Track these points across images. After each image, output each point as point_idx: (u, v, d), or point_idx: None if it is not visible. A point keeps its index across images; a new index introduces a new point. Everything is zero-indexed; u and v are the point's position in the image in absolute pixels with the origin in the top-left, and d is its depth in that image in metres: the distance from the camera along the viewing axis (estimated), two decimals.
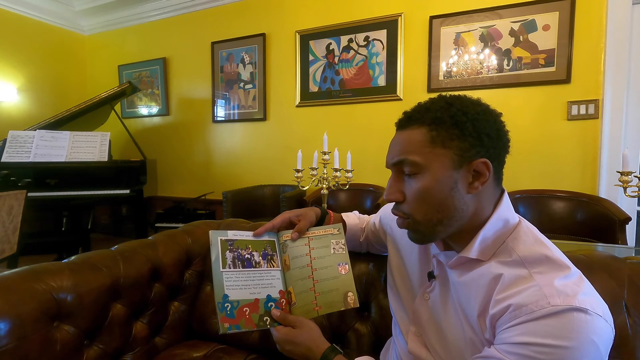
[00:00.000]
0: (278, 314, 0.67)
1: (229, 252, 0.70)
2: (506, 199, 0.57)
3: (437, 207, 0.54)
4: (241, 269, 0.69)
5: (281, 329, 0.66)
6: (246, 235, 0.74)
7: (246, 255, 0.71)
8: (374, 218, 0.88)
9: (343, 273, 0.72)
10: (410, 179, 0.55)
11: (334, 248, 0.75)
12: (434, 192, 0.53)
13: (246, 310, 0.66)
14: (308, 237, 0.76)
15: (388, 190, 0.58)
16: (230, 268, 0.68)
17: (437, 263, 0.62)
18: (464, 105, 0.54)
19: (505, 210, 0.56)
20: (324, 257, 0.73)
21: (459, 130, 0.52)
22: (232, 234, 0.72)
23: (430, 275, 0.63)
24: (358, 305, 0.71)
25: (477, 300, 0.52)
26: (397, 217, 0.59)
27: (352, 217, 0.89)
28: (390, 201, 0.58)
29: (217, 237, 0.70)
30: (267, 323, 0.67)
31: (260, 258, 0.72)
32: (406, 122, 0.57)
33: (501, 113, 0.57)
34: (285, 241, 0.75)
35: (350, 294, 0.70)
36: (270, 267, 0.73)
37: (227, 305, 0.65)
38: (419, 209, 0.55)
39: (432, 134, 0.53)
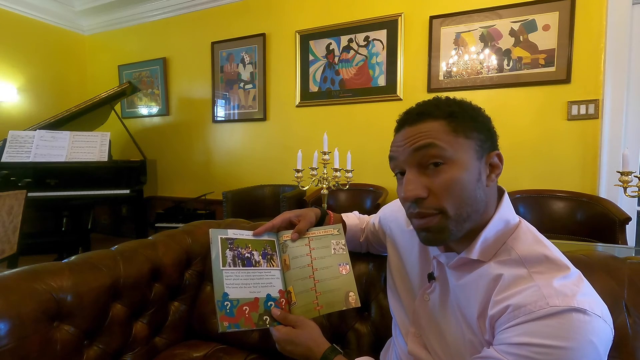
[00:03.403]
0: (278, 313, 0.67)
1: (229, 250, 0.70)
2: (506, 199, 0.57)
3: (467, 200, 0.51)
4: (241, 268, 0.69)
5: (281, 328, 0.66)
6: (246, 234, 0.74)
7: (246, 254, 0.71)
8: (373, 218, 0.87)
9: (344, 273, 0.72)
10: (437, 168, 0.51)
11: (334, 248, 0.75)
12: (465, 182, 0.50)
13: (246, 309, 0.66)
14: (308, 237, 0.76)
15: (408, 186, 0.52)
16: (230, 266, 0.68)
17: (437, 264, 0.62)
18: (468, 104, 0.56)
19: (506, 210, 0.56)
20: (325, 258, 0.73)
21: (474, 123, 0.53)
22: (232, 233, 0.72)
23: (430, 277, 0.63)
24: (359, 305, 0.70)
25: (477, 301, 0.52)
26: (419, 217, 0.53)
27: (352, 218, 0.89)
28: (412, 199, 0.52)
29: (217, 236, 0.70)
30: (267, 322, 0.66)
31: (260, 257, 0.72)
32: (417, 117, 0.54)
33: None
34: (285, 241, 0.75)
35: (351, 293, 0.70)
36: (270, 266, 0.73)
37: (227, 304, 0.64)
38: (450, 201, 0.50)
39: (453, 125, 0.52)
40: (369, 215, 0.93)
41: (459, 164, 0.51)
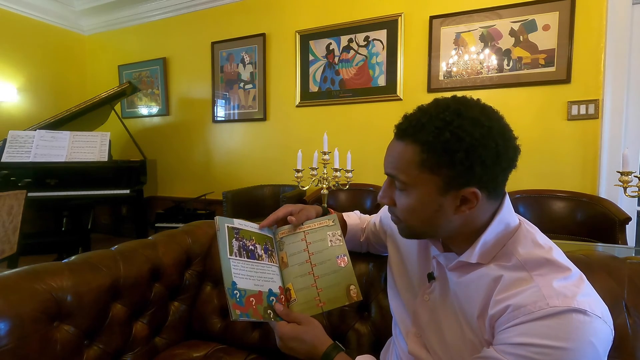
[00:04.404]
0: (281, 309, 0.66)
1: (235, 240, 0.69)
2: (507, 202, 0.56)
3: (421, 222, 0.56)
4: (246, 259, 0.68)
5: (285, 325, 0.64)
6: (250, 226, 0.73)
7: (250, 247, 0.70)
8: (374, 218, 0.88)
9: (342, 265, 0.71)
10: (400, 192, 0.56)
11: (330, 240, 0.74)
12: (418, 211, 0.55)
13: (252, 300, 0.64)
14: (304, 231, 0.75)
15: (381, 193, 0.60)
16: (236, 256, 0.67)
17: (437, 264, 0.62)
18: (462, 127, 0.49)
19: (507, 213, 0.55)
20: (322, 251, 0.72)
21: (449, 158, 0.49)
22: (237, 223, 0.72)
23: (430, 277, 0.63)
24: (361, 298, 0.69)
25: (477, 301, 0.52)
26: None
27: (353, 217, 0.89)
28: (380, 203, 0.62)
29: (224, 224, 0.69)
30: (272, 316, 0.65)
31: (262, 252, 0.72)
32: (402, 134, 0.55)
33: (509, 127, 0.53)
34: (282, 238, 0.75)
35: (352, 287, 0.69)
36: (271, 262, 0.72)
37: (237, 293, 0.63)
38: (406, 218, 0.57)
39: (422, 157, 0.51)
40: (369, 215, 0.93)
41: (415, 195, 0.54)
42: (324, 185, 1.63)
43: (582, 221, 1.95)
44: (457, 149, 0.49)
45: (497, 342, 0.47)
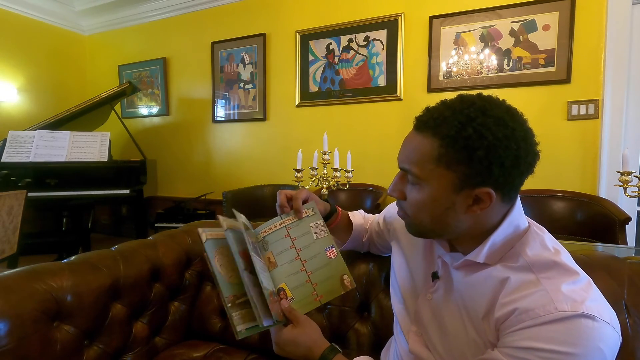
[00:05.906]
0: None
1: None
2: (518, 204, 0.55)
3: (430, 219, 0.54)
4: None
5: (279, 328, 0.64)
6: (241, 226, 0.73)
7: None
8: (377, 217, 0.87)
9: (332, 258, 0.70)
10: (412, 186, 0.55)
11: (315, 232, 0.72)
12: (429, 207, 0.53)
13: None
14: (285, 226, 0.73)
15: (392, 186, 0.58)
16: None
17: (442, 264, 0.62)
18: (485, 125, 0.48)
19: (517, 215, 0.55)
20: (309, 246, 0.71)
21: (468, 155, 0.48)
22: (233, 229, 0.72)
23: (435, 276, 0.63)
24: (355, 286, 0.70)
25: (482, 302, 0.52)
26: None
27: (358, 217, 0.88)
28: (390, 195, 0.60)
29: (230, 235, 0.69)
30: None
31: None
32: (422, 126, 0.53)
33: (532, 132, 0.53)
34: (265, 237, 0.73)
35: (345, 276, 0.69)
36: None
37: None
38: (415, 214, 0.56)
39: (440, 151, 0.50)
40: (372, 215, 0.93)
41: (427, 191, 0.52)
42: (324, 185, 1.63)
43: (582, 221, 1.95)
44: (477, 146, 0.47)
45: (502, 345, 0.47)
